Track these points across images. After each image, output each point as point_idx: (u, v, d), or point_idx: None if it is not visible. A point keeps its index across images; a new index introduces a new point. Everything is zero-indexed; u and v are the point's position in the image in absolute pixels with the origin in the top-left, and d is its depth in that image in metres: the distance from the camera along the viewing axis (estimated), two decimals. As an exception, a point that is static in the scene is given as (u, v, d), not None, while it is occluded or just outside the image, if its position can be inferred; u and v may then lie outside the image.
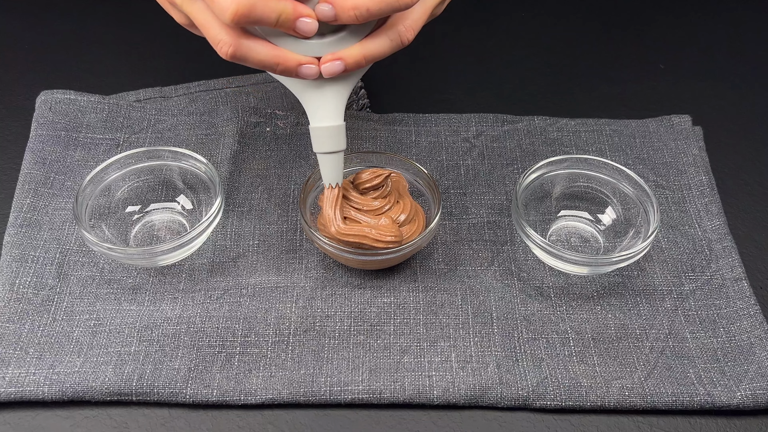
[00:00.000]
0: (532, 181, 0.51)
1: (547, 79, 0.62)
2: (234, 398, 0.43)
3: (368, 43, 0.38)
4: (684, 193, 0.53)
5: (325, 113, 0.41)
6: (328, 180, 0.45)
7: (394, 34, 0.39)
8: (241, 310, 0.47)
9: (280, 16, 0.34)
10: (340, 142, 0.43)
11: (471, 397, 0.43)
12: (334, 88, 0.40)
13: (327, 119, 0.42)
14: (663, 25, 0.67)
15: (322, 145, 0.43)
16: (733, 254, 0.50)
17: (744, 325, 0.46)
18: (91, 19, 0.65)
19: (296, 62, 0.37)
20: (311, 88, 0.41)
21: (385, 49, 0.39)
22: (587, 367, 0.44)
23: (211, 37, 0.36)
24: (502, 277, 0.49)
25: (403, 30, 0.39)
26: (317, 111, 0.41)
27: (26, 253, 0.48)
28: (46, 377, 0.43)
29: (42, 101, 0.56)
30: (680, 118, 0.58)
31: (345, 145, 0.43)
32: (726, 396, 0.43)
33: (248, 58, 0.36)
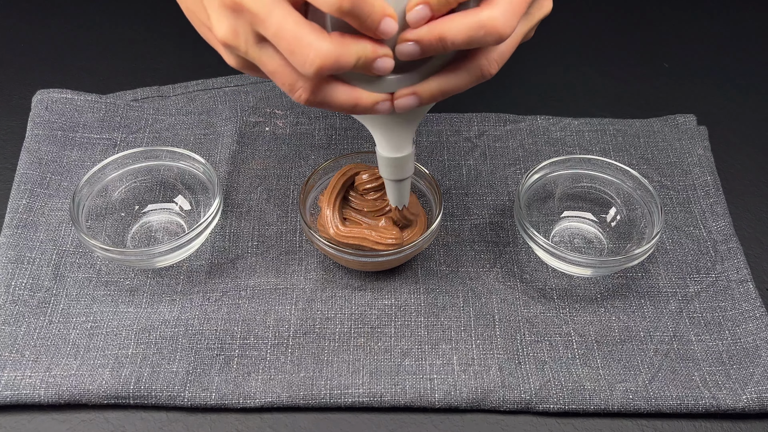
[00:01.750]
0: (534, 181, 0.50)
1: (550, 78, 0.62)
2: (233, 401, 0.43)
3: (446, 78, 0.35)
4: (689, 193, 0.53)
5: (393, 144, 0.40)
6: (393, 203, 0.44)
7: (475, 69, 0.35)
8: (240, 312, 0.46)
9: (359, 59, 0.32)
10: (407, 170, 0.42)
11: (473, 400, 0.43)
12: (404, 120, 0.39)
13: (395, 151, 0.41)
14: (667, 23, 0.67)
15: (389, 173, 0.42)
16: (738, 256, 0.49)
17: (749, 328, 0.46)
18: (88, 17, 0.65)
19: (373, 102, 0.35)
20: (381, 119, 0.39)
21: (464, 83, 0.35)
22: (591, 369, 0.44)
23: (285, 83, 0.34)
24: (504, 278, 0.49)
25: (485, 64, 0.35)
26: (385, 142, 0.40)
27: (22, 255, 0.48)
28: (43, 380, 0.43)
29: (38, 100, 0.56)
30: (685, 117, 0.57)
31: (412, 171, 0.42)
32: (731, 399, 0.43)
33: (326, 103, 0.34)
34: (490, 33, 0.32)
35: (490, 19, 0.32)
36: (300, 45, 0.31)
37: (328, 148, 0.55)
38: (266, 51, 0.34)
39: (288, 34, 0.32)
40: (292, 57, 0.32)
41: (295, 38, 0.31)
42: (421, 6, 0.32)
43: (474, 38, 0.32)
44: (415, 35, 0.33)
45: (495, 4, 0.33)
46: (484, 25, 0.32)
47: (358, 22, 0.31)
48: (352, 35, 0.32)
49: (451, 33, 0.32)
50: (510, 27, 0.33)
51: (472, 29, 0.32)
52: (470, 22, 0.32)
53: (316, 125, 0.57)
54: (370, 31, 0.32)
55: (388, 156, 0.41)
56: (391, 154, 0.41)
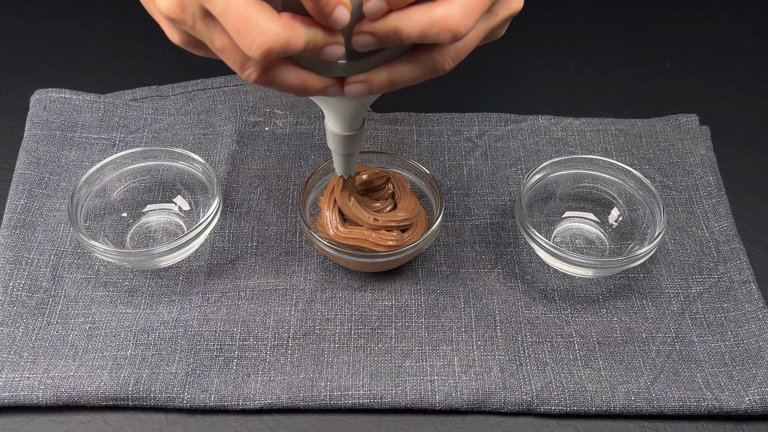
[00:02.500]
0: (536, 181, 0.50)
1: (552, 77, 0.62)
2: (232, 403, 0.43)
3: (398, 68, 0.34)
4: (691, 193, 0.53)
5: (344, 123, 0.41)
6: (339, 172, 0.45)
7: (428, 63, 0.34)
8: (240, 313, 0.46)
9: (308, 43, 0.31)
10: (356, 147, 0.42)
11: (474, 402, 0.43)
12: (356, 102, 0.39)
13: (345, 129, 0.41)
14: (669, 22, 0.67)
15: (338, 148, 0.42)
16: (741, 256, 0.49)
17: (752, 329, 0.46)
18: (87, 16, 0.65)
19: (323, 86, 0.34)
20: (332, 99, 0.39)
21: (416, 75, 0.34)
22: (592, 371, 0.44)
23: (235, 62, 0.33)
24: (505, 279, 0.48)
25: (439, 60, 0.34)
26: (336, 120, 0.41)
27: (20, 255, 0.48)
28: (41, 381, 0.43)
29: (36, 100, 0.56)
30: (687, 117, 0.57)
31: (360, 148, 0.43)
32: (734, 401, 0.43)
33: (275, 83, 0.34)
34: (443, 31, 0.31)
35: (444, 16, 0.31)
36: (247, 26, 0.30)
37: (328, 148, 0.55)
38: (215, 27, 0.32)
39: (235, 13, 0.30)
40: (238, 37, 0.31)
41: (243, 18, 0.30)
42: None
43: (427, 35, 0.31)
44: (371, 27, 0.32)
45: (451, 1, 0.31)
46: (437, 22, 0.31)
47: (312, 4, 0.30)
48: (302, 18, 0.31)
49: (406, 27, 0.31)
50: (465, 26, 0.31)
51: (425, 26, 0.31)
52: (424, 18, 0.31)
53: (316, 125, 0.57)
54: (322, 18, 0.31)
55: (338, 133, 0.41)
56: (341, 131, 0.41)
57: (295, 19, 0.31)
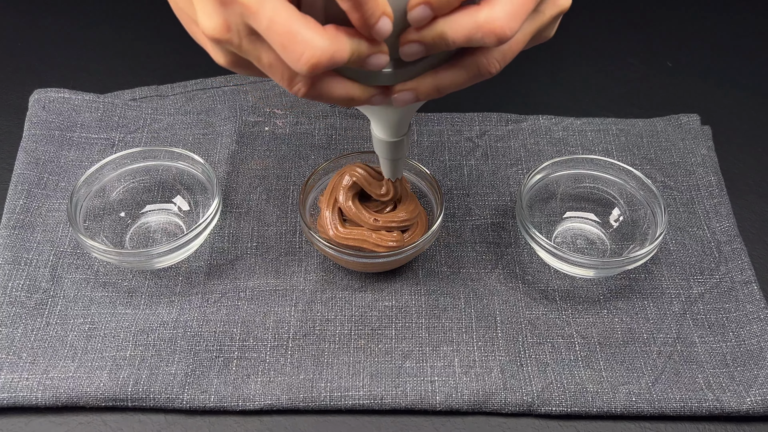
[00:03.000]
0: (536, 181, 0.50)
1: (552, 77, 0.62)
2: (232, 404, 0.43)
3: (444, 74, 0.34)
4: (692, 194, 0.53)
5: (389, 130, 0.40)
6: (387, 176, 0.45)
7: (473, 67, 0.33)
8: (239, 313, 0.46)
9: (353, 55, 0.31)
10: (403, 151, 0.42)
11: (474, 402, 0.43)
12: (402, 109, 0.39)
13: (391, 135, 0.41)
14: (670, 22, 0.67)
15: (385, 153, 0.42)
16: (742, 257, 0.49)
17: (754, 329, 0.46)
18: (86, 16, 0.65)
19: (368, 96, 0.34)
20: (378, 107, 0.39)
21: (462, 80, 0.34)
22: (593, 372, 0.44)
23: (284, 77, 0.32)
24: (506, 280, 0.48)
25: (484, 63, 0.33)
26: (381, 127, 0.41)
27: (19, 256, 0.48)
28: (40, 382, 0.43)
29: (35, 100, 0.56)
30: (688, 117, 0.57)
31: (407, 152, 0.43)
32: (735, 402, 0.43)
33: (323, 96, 0.33)
34: (488, 34, 0.31)
35: (488, 20, 0.31)
36: (293, 41, 0.30)
37: (328, 148, 0.55)
38: (261, 44, 0.32)
39: (281, 29, 0.30)
40: (284, 53, 0.30)
41: (288, 33, 0.30)
42: (423, 6, 0.31)
43: (473, 38, 0.31)
44: (417, 36, 0.32)
45: (495, 3, 0.31)
46: (481, 26, 0.31)
47: (357, 13, 0.30)
48: (346, 29, 0.31)
49: (451, 32, 0.31)
50: (510, 28, 0.31)
51: (470, 29, 0.31)
52: (469, 22, 0.31)
53: (316, 125, 0.56)
54: (366, 28, 0.31)
55: (385, 139, 0.41)
56: (387, 138, 0.41)
57: (340, 30, 0.31)
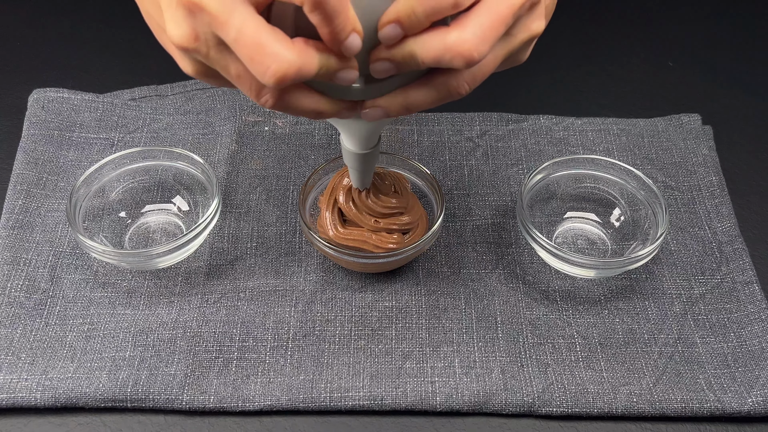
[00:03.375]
0: (537, 181, 0.50)
1: (553, 77, 0.62)
2: (232, 405, 0.42)
3: (412, 92, 0.34)
4: (693, 194, 0.53)
5: (359, 142, 0.41)
6: (356, 185, 0.45)
7: (443, 87, 0.33)
8: (239, 314, 0.46)
9: (321, 69, 0.31)
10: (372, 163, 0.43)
11: (475, 403, 0.43)
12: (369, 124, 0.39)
13: (361, 148, 0.41)
14: (672, 21, 0.67)
15: (354, 164, 0.43)
16: (744, 257, 0.49)
17: (755, 330, 0.46)
18: (85, 15, 0.65)
19: (337, 110, 0.34)
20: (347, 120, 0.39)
21: (431, 100, 0.34)
22: (594, 372, 0.44)
23: (252, 89, 0.32)
24: (506, 280, 0.48)
25: (454, 84, 0.33)
26: (351, 139, 0.41)
27: (18, 256, 0.48)
28: (39, 383, 0.42)
29: (34, 100, 0.56)
30: (690, 117, 0.57)
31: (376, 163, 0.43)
32: (737, 402, 0.43)
33: (290, 108, 0.33)
34: (457, 57, 0.31)
35: (457, 42, 0.30)
36: (261, 53, 0.29)
37: (328, 148, 0.55)
38: (230, 55, 0.32)
39: (249, 40, 0.29)
40: (252, 65, 0.30)
41: (256, 45, 0.29)
42: (393, 25, 0.31)
43: (441, 60, 0.31)
44: (387, 54, 0.32)
45: (465, 26, 0.31)
46: (450, 48, 0.31)
47: (327, 28, 0.30)
48: (316, 42, 0.31)
49: (421, 52, 0.31)
50: (479, 52, 0.31)
51: (439, 51, 0.31)
52: (437, 43, 0.31)
53: (316, 125, 0.56)
54: (335, 44, 0.30)
55: (354, 151, 0.41)
56: (356, 150, 0.41)
57: (308, 44, 0.30)
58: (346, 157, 0.42)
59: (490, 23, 0.31)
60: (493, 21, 0.31)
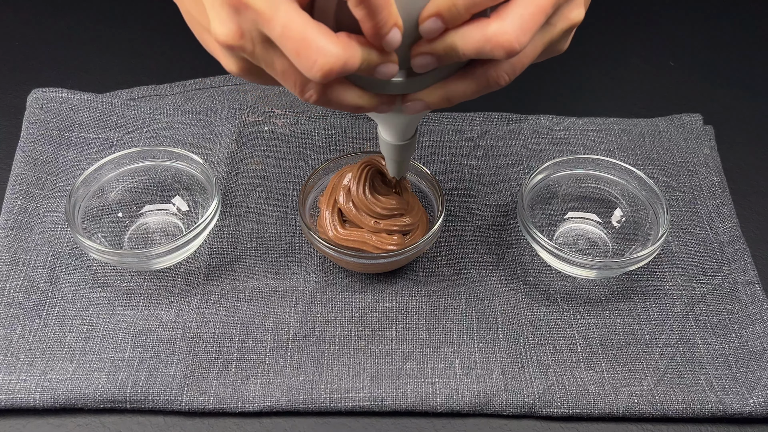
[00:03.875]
0: (538, 181, 0.50)
1: (554, 76, 0.62)
2: (231, 406, 0.42)
3: (452, 85, 0.34)
4: (695, 194, 0.53)
5: (396, 134, 0.41)
6: (392, 174, 0.45)
7: (483, 78, 0.34)
8: (239, 314, 0.46)
9: (363, 63, 0.31)
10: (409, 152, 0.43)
11: (475, 404, 0.43)
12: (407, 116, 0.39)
13: (398, 139, 0.41)
14: (673, 21, 0.67)
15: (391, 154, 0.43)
16: (745, 257, 0.49)
17: (757, 331, 0.46)
18: (84, 14, 0.65)
19: (376, 105, 0.35)
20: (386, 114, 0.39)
21: (471, 91, 0.34)
22: (595, 373, 0.44)
23: (296, 84, 0.33)
24: (507, 280, 0.48)
25: (494, 75, 0.33)
26: (389, 131, 0.41)
27: (17, 256, 0.48)
28: (38, 384, 0.42)
29: (33, 99, 0.55)
30: (691, 117, 0.57)
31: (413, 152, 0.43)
32: (738, 403, 0.43)
33: (333, 103, 0.34)
34: (497, 47, 0.31)
35: (497, 33, 0.31)
36: (307, 48, 0.30)
37: (328, 148, 0.55)
38: (275, 51, 0.32)
39: (295, 35, 0.30)
40: (297, 59, 0.31)
41: (302, 40, 0.30)
42: (434, 19, 0.31)
43: (482, 51, 0.31)
44: (429, 48, 0.32)
45: (505, 16, 0.31)
46: (490, 39, 0.31)
47: (370, 23, 0.30)
48: (358, 37, 0.31)
49: (461, 44, 0.31)
50: (519, 42, 0.31)
51: (480, 42, 0.31)
52: (478, 34, 0.31)
53: (316, 125, 0.56)
54: (377, 38, 0.31)
55: (392, 143, 0.41)
56: (394, 141, 0.41)
57: (351, 38, 0.31)
58: (383, 148, 0.42)
59: (530, 13, 0.31)
60: (533, 11, 0.31)
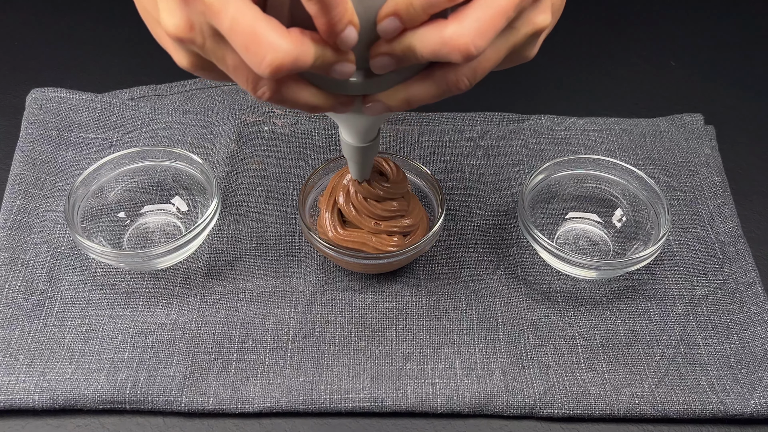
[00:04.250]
0: (539, 182, 0.50)
1: (554, 76, 0.62)
2: (231, 406, 0.42)
3: (412, 87, 0.33)
4: (696, 194, 0.52)
5: (358, 136, 0.40)
6: (354, 176, 0.45)
7: (441, 80, 0.33)
8: (238, 315, 0.46)
9: (317, 60, 0.30)
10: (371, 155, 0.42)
11: (476, 405, 0.43)
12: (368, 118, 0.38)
13: (360, 141, 0.41)
14: (674, 21, 0.67)
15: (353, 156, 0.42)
16: (746, 258, 0.49)
17: (758, 331, 0.46)
18: (84, 14, 0.65)
19: (332, 105, 0.34)
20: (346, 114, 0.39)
21: (432, 94, 0.33)
22: (596, 374, 0.44)
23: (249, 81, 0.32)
24: (507, 281, 0.48)
25: (453, 79, 0.32)
26: (350, 132, 0.40)
27: (16, 257, 0.48)
28: (37, 385, 0.42)
29: (32, 99, 0.55)
30: (692, 116, 0.57)
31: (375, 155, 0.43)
32: (739, 404, 0.43)
33: (287, 101, 0.33)
34: (454, 51, 0.30)
35: (453, 36, 0.30)
36: (256, 42, 0.29)
37: (328, 148, 0.55)
38: (226, 45, 0.31)
39: (244, 29, 0.29)
40: (247, 54, 0.30)
41: (251, 34, 0.29)
42: (392, 18, 0.30)
43: (439, 54, 0.30)
44: (387, 48, 0.31)
45: (463, 19, 0.30)
46: (447, 42, 0.30)
47: (323, 19, 0.29)
48: (312, 33, 0.30)
49: (419, 45, 0.31)
50: (476, 46, 0.30)
51: (436, 45, 0.30)
52: (435, 36, 0.30)
53: (316, 125, 0.56)
54: (331, 36, 0.30)
55: (353, 144, 0.41)
56: (355, 143, 0.41)
57: (305, 34, 0.30)
58: (345, 150, 0.42)
59: (489, 17, 0.30)
60: (493, 14, 0.30)
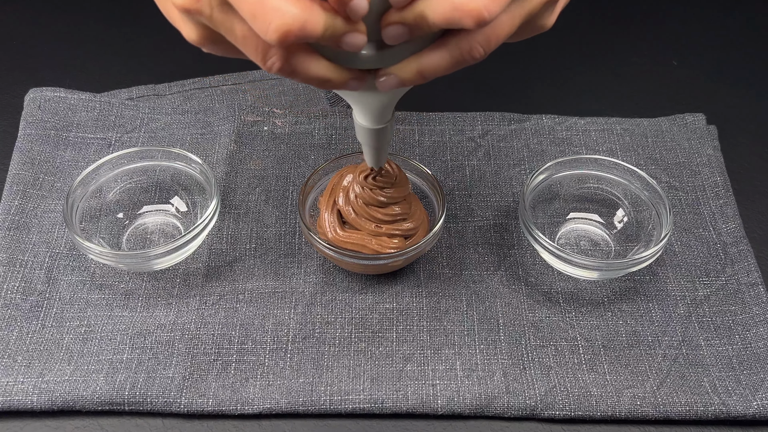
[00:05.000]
0: (540, 182, 0.50)
1: (555, 76, 0.62)
2: (230, 408, 0.42)
3: (426, 58, 0.32)
4: (698, 194, 0.52)
5: (372, 117, 0.39)
6: (370, 164, 0.44)
7: (455, 50, 0.32)
8: (238, 316, 0.46)
9: (327, 29, 0.30)
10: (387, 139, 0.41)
11: (477, 406, 0.42)
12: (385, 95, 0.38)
13: (374, 123, 0.40)
14: (676, 20, 0.67)
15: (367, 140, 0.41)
16: (749, 258, 0.49)
17: (760, 332, 0.45)
18: (83, 13, 0.65)
19: (345, 80, 0.33)
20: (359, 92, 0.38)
21: (446, 65, 0.32)
22: (597, 375, 0.44)
23: (258, 51, 0.31)
24: (508, 282, 0.48)
25: (467, 47, 0.32)
26: (364, 113, 0.40)
27: (14, 257, 0.47)
28: (35, 386, 0.42)
29: (31, 99, 0.55)
30: (694, 116, 0.57)
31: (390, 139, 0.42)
32: (742, 405, 0.42)
33: (298, 73, 0.32)
34: (466, 16, 0.30)
35: (465, 1, 0.30)
36: (263, 8, 0.29)
37: (328, 148, 0.55)
38: (234, 15, 0.31)
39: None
40: (254, 21, 0.29)
41: (259, 1, 0.29)
42: None
43: (451, 20, 0.30)
44: (399, 17, 0.31)
45: None
46: (459, 7, 0.30)
47: None
48: (321, 2, 0.30)
49: (431, 12, 0.30)
50: (489, 10, 0.30)
51: (448, 10, 0.30)
52: (446, 2, 0.30)
53: (316, 125, 0.56)
54: (341, 5, 0.29)
55: (367, 126, 0.40)
56: (369, 125, 0.40)
57: (314, 1, 0.30)
58: (359, 134, 0.41)
59: None
60: None
